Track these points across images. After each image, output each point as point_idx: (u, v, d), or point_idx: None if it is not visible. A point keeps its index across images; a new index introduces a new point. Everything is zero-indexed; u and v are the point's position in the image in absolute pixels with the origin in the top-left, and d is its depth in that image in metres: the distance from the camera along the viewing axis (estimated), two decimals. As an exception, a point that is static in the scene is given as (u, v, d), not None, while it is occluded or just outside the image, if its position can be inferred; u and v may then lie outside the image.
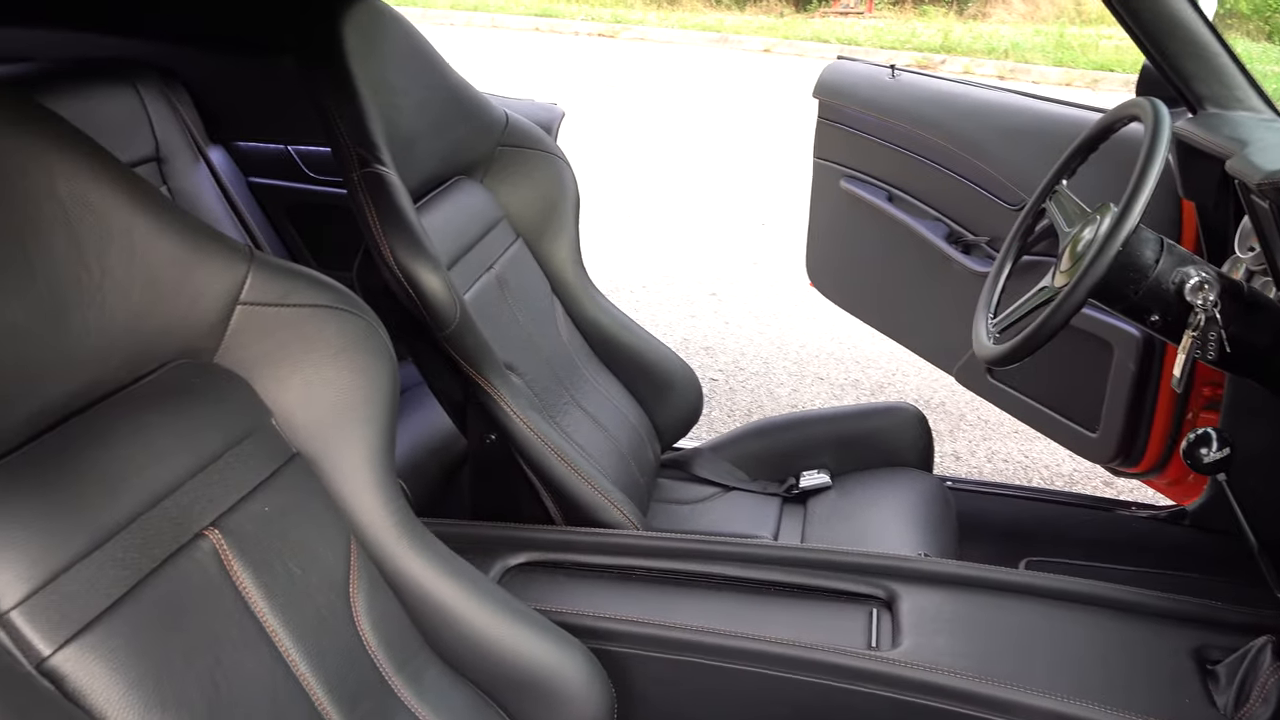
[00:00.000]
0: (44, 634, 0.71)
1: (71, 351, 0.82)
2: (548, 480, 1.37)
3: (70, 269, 0.82)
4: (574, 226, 1.70)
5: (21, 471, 0.75)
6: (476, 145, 1.60)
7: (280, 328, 0.98)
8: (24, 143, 0.81)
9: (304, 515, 0.95)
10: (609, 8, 11.88)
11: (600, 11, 11.53)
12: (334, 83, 1.30)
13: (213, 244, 0.93)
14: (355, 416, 1.02)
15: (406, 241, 1.24)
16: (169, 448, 0.85)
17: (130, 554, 0.78)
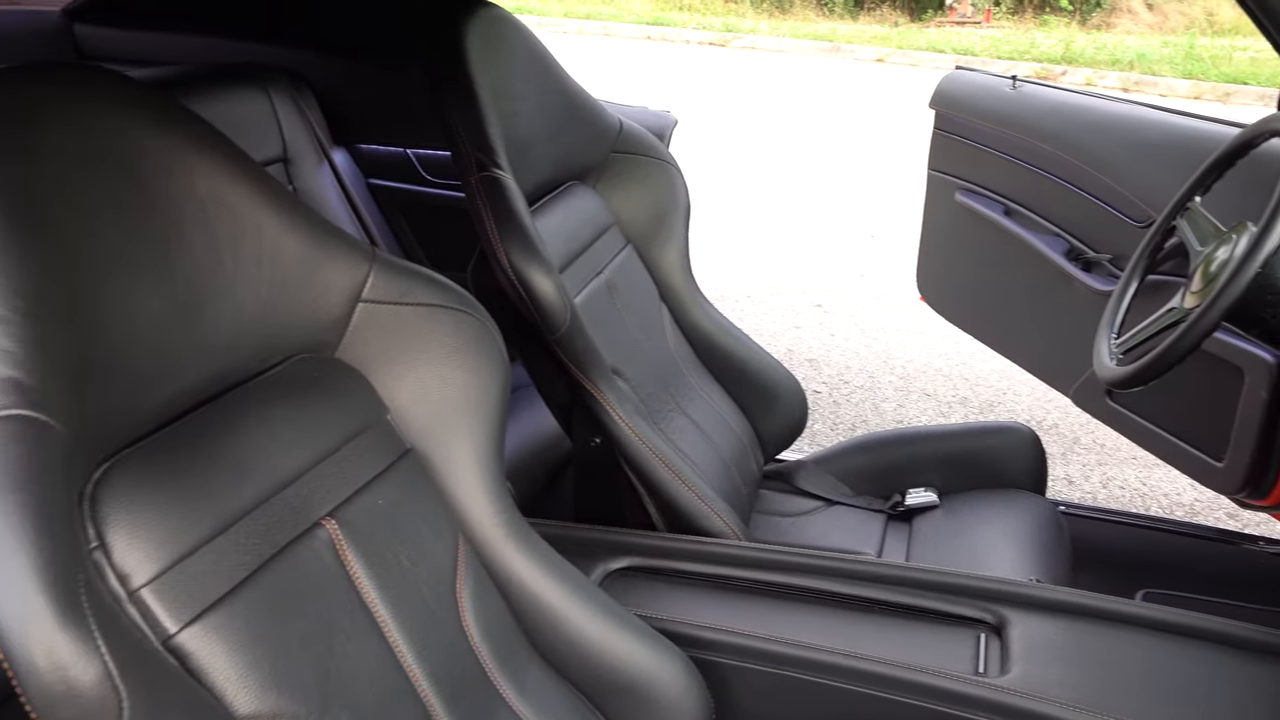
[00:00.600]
0: (170, 612, 0.73)
1: (204, 342, 0.85)
2: (651, 486, 1.38)
3: (206, 264, 0.85)
4: (684, 234, 1.70)
5: (156, 455, 0.79)
6: (590, 151, 1.61)
7: (399, 325, 1.00)
8: (169, 144, 0.84)
9: (415, 510, 0.97)
10: (720, 16, 11.88)
11: (711, 20, 11.53)
12: (456, 88, 1.32)
13: (338, 243, 0.96)
14: (467, 416, 1.03)
15: (521, 245, 1.26)
16: (292, 438, 0.88)
17: (253, 540, 0.81)
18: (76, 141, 0.77)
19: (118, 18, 1.94)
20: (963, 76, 2.29)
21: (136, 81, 0.86)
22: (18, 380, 0.65)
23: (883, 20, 11.79)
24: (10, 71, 0.78)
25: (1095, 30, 10.85)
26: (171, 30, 1.94)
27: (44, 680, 0.58)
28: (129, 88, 0.84)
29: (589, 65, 8.57)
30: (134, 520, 0.74)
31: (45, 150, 0.75)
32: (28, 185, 0.72)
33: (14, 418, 0.64)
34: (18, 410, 0.64)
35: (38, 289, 0.69)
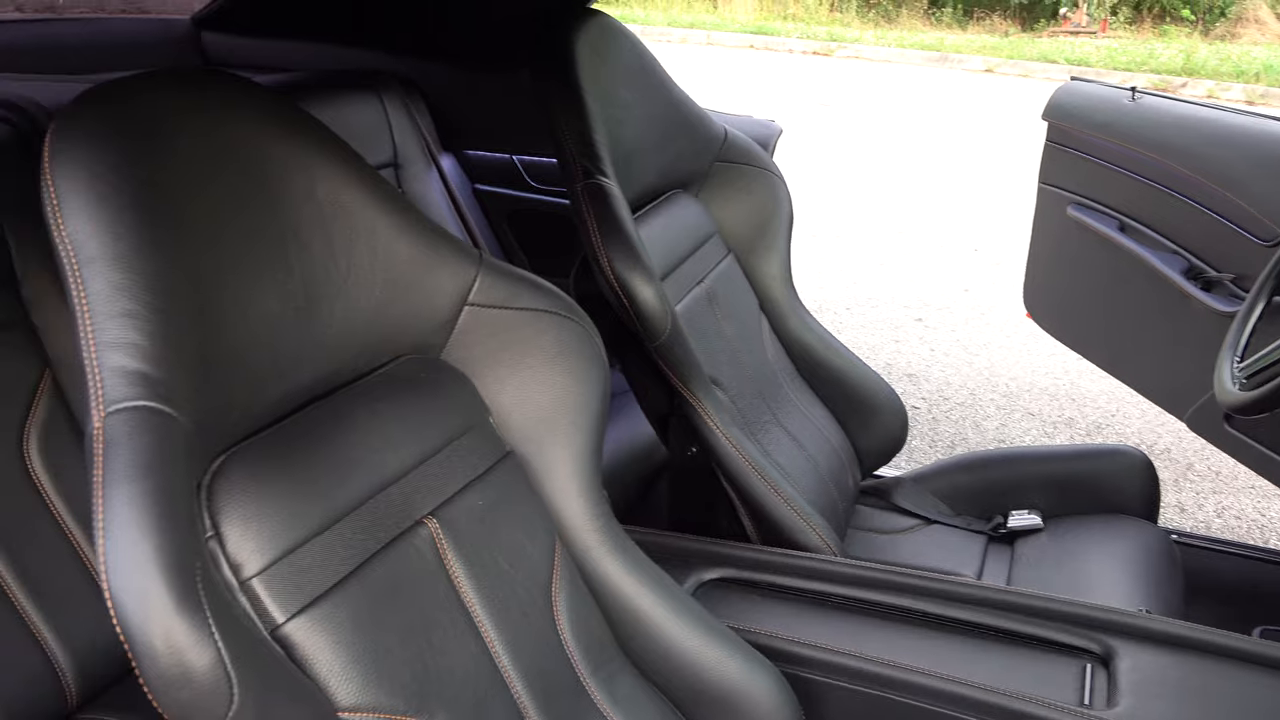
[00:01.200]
0: (279, 603, 0.76)
1: (318, 341, 0.88)
2: (746, 497, 1.37)
3: (322, 265, 0.88)
4: (786, 244, 1.69)
5: (269, 450, 0.81)
6: (694, 160, 1.61)
7: (503, 329, 1.02)
8: (291, 148, 0.87)
9: (513, 513, 0.98)
10: (824, 25, 11.78)
11: (816, 30, 11.44)
12: (564, 96, 1.34)
13: (447, 247, 0.98)
14: (567, 421, 1.04)
15: (624, 253, 1.27)
16: (398, 437, 0.90)
17: (358, 535, 0.83)
18: (206, 144, 0.80)
19: (242, 26, 2.01)
20: (1078, 88, 2.23)
21: (262, 87, 0.89)
22: (145, 373, 0.68)
23: (993, 30, 11.54)
24: (146, 77, 0.81)
25: (1219, 41, 10.43)
26: (292, 37, 2.00)
27: (161, 664, 0.60)
28: (255, 93, 0.87)
29: (691, 74, 8.58)
30: (247, 512, 0.76)
31: (177, 152, 0.78)
32: (161, 185, 0.75)
33: (141, 409, 0.66)
34: (145, 402, 0.67)
35: (167, 286, 0.72)
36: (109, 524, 0.62)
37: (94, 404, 0.67)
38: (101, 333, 0.68)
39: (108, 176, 0.72)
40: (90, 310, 0.69)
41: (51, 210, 0.70)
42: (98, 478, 0.64)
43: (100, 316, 0.68)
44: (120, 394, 0.66)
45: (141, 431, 0.65)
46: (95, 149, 0.73)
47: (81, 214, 0.70)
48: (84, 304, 0.69)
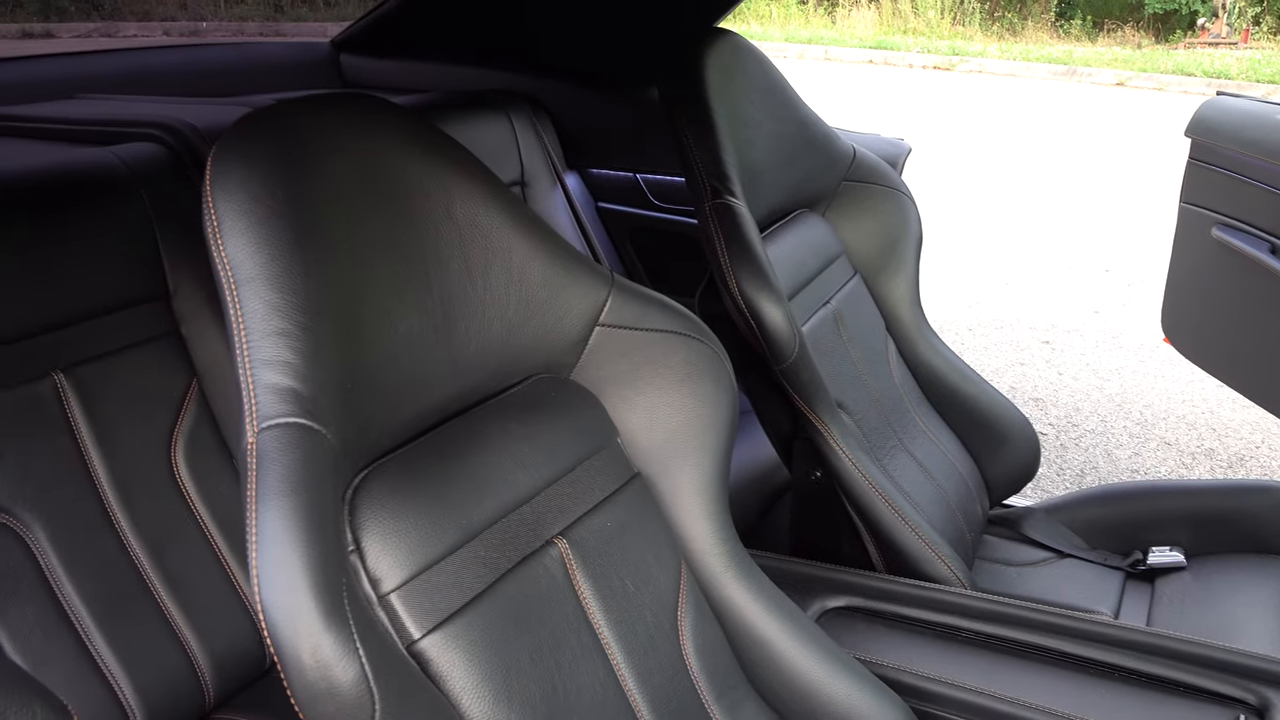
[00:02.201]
0: (415, 618, 0.77)
1: (454, 359, 0.89)
2: (872, 524, 1.33)
3: (460, 284, 0.89)
4: (914, 265, 1.65)
5: (407, 466, 0.83)
6: (822, 179, 1.59)
7: (633, 350, 1.02)
8: (433, 169, 0.89)
9: (641, 535, 0.98)
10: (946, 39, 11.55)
11: (937, 44, 11.23)
12: (693, 115, 1.34)
13: (580, 267, 0.98)
14: (695, 443, 1.03)
15: (752, 273, 1.26)
16: (530, 456, 0.90)
17: (491, 553, 0.83)
18: (354, 166, 0.83)
19: (379, 49, 2.08)
20: (1225, 103, 2.12)
21: (404, 109, 0.91)
22: (296, 390, 0.70)
23: (1124, 42, 11.13)
24: (300, 101, 0.84)
25: (1374, 50, 9.84)
26: (426, 60, 2.06)
27: (308, 677, 0.62)
28: (399, 115, 0.90)
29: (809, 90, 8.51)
30: (387, 528, 0.78)
31: (327, 174, 0.80)
32: (312, 207, 0.77)
33: (292, 425, 0.68)
34: (296, 419, 0.69)
35: (319, 305, 0.74)
36: (261, 538, 0.63)
37: (248, 420, 0.69)
38: (256, 350, 0.70)
39: (265, 199, 0.74)
40: (246, 328, 0.71)
41: (212, 231, 0.73)
42: (251, 492, 0.66)
43: (255, 335, 0.71)
44: (273, 411, 0.68)
45: (292, 448, 0.67)
46: (253, 172, 0.75)
47: (240, 235, 0.73)
48: (240, 322, 0.71)
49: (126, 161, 1.27)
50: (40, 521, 1.11)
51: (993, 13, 12.32)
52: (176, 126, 1.35)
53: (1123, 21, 11.51)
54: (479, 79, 2.03)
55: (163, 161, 1.32)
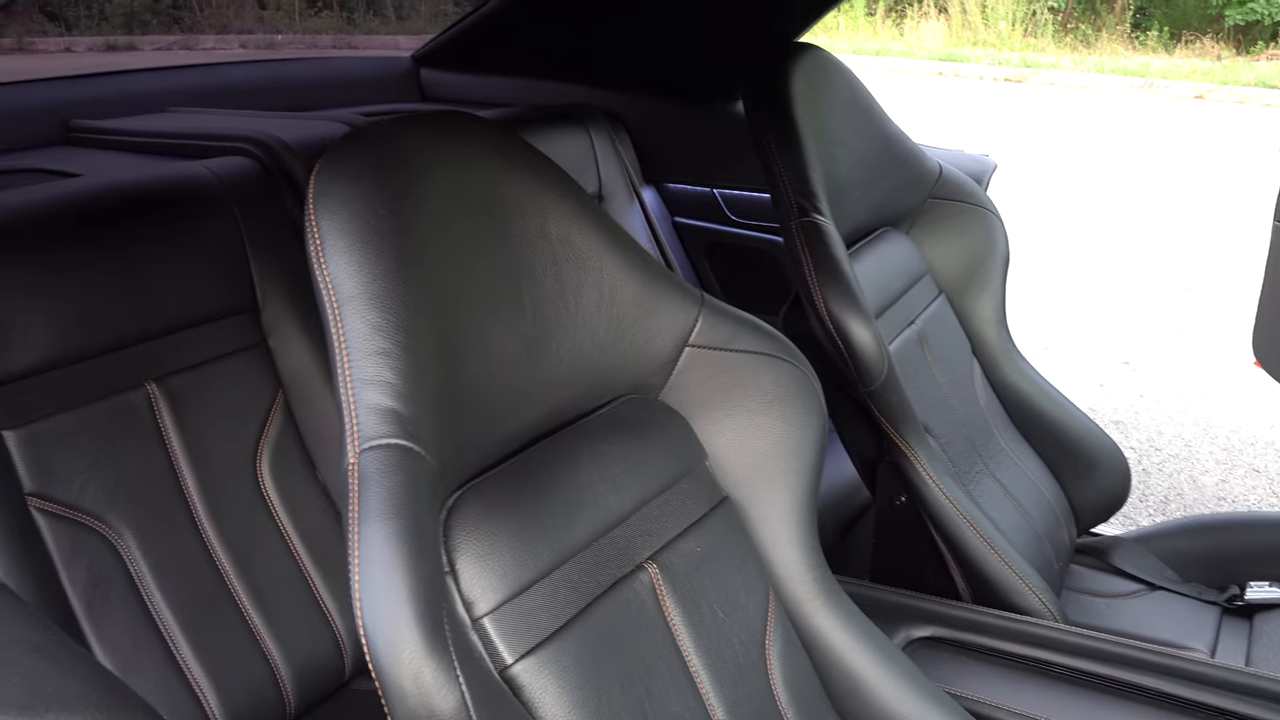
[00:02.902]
0: (508, 643, 0.76)
1: (546, 379, 0.88)
2: (959, 552, 1.30)
3: (552, 303, 0.88)
4: (1000, 285, 1.61)
5: (500, 487, 0.82)
6: (907, 197, 1.56)
7: (722, 372, 1.00)
8: (528, 187, 0.88)
9: (729, 560, 0.96)
10: (1018, 51, 11.36)
11: (1008, 55, 11.05)
12: (779, 131, 1.32)
13: (670, 287, 0.97)
14: (784, 467, 1.01)
15: (840, 293, 1.23)
16: (621, 478, 0.89)
17: (583, 577, 0.82)
18: (451, 184, 0.82)
19: (459, 63, 2.10)
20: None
21: (501, 127, 0.91)
22: (397, 411, 0.69)
23: (1203, 54, 10.85)
24: (401, 119, 0.84)
25: None
26: (505, 74, 2.07)
27: (409, 704, 0.61)
28: (495, 133, 0.89)
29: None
30: (480, 549, 0.77)
31: (425, 191, 0.80)
32: (412, 225, 0.77)
33: (394, 447, 0.68)
34: (397, 440, 0.68)
35: (418, 325, 0.74)
36: (364, 561, 0.63)
37: (349, 439, 0.68)
38: (358, 370, 0.70)
39: (366, 217, 0.74)
40: (348, 347, 0.71)
41: (314, 249, 0.73)
42: (353, 513, 0.65)
43: (357, 354, 0.70)
44: (374, 431, 0.68)
45: (394, 469, 0.67)
46: (355, 190, 0.75)
47: (342, 254, 0.73)
48: (342, 341, 0.71)
49: (219, 175, 1.29)
50: (131, 529, 1.13)
51: (1065, 24, 12.10)
52: (266, 141, 1.37)
53: (1201, 33, 11.21)
54: (557, 93, 2.03)
55: (253, 175, 1.33)
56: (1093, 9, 12.02)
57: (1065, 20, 12.09)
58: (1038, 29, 12.00)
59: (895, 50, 11.49)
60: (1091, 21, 12.04)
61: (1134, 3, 11.71)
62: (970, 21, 12.13)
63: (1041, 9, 11.96)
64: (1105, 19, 11.96)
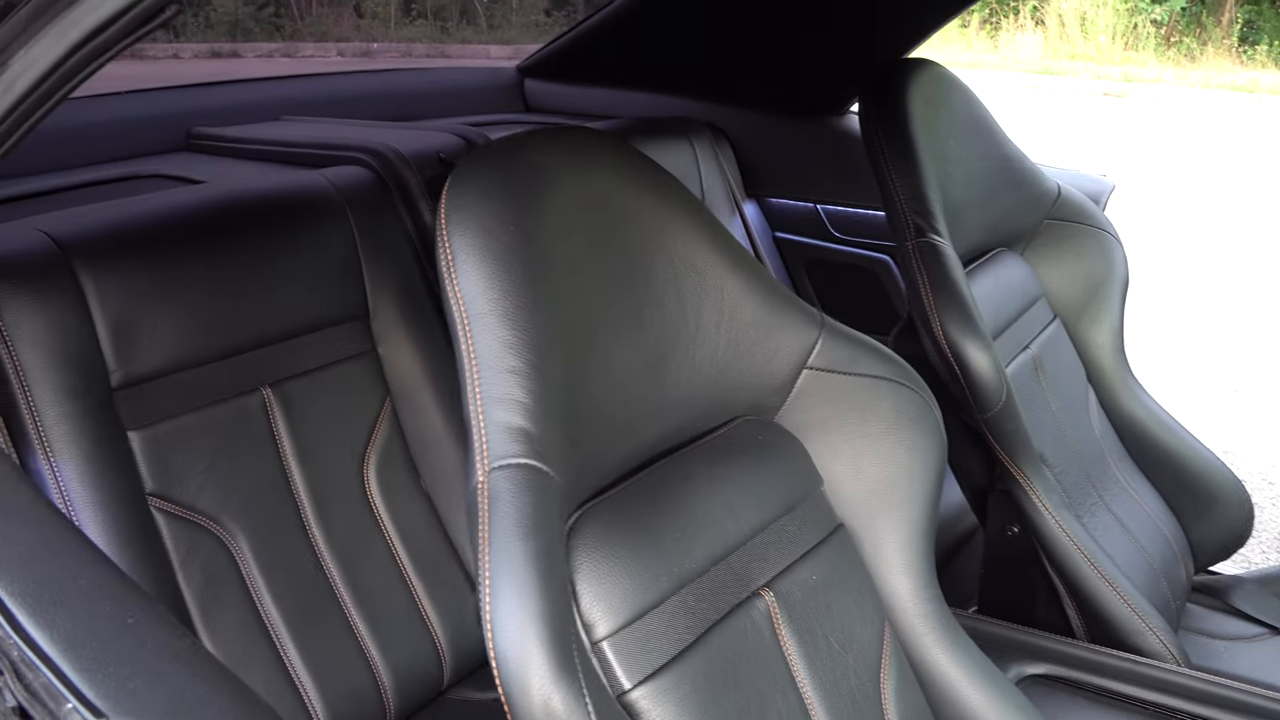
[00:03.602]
0: (626, 668, 0.74)
1: (664, 398, 0.87)
2: (1075, 588, 1.25)
3: (673, 322, 0.87)
4: (1119, 310, 1.56)
5: (618, 508, 0.81)
6: (1023, 218, 1.52)
7: (840, 395, 0.98)
8: (651, 205, 0.87)
9: (845, 590, 0.93)
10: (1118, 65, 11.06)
11: (1108, 70, 10.76)
12: (896, 148, 1.29)
13: (790, 308, 0.95)
14: (900, 495, 0.99)
15: (958, 316, 1.20)
16: (739, 502, 0.88)
17: (701, 603, 0.81)
18: (578, 200, 0.82)
19: (563, 74, 2.11)
20: None
21: (626, 144, 0.90)
22: (527, 430, 0.69)
23: (1317, 69, 10.42)
24: (529, 135, 0.84)
25: None
26: (609, 86, 2.07)
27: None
28: (621, 150, 0.89)
29: (971, 116, 8.24)
30: (600, 571, 0.76)
31: (554, 208, 0.79)
32: (541, 242, 0.77)
33: (523, 467, 0.67)
34: (527, 460, 0.68)
35: (547, 343, 0.73)
36: (495, 583, 0.62)
37: (478, 457, 0.68)
38: (488, 387, 0.70)
39: (498, 233, 0.74)
40: (478, 364, 0.70)
41: (446, 264, 0.73)
42: (482, 533, 0.65)
43: (487, 371, 0.70)
44: (504, 450, 0.68)
45: (524, 490, 0.66)
46: (487, 206, 0.75)
47: (474, 269, 0.73)
48: (472, 358, 0.71)
49: (336, 184, 1.31)
50: (244, 532, 1.15)
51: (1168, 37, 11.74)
52: (382, 151, 1.39)
53: (1316, 47, 10.77)
54: (661, 105, 2.03)
55: (368, 185, 1.35)
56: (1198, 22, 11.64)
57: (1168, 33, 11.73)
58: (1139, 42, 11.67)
59: (989, 63, 11.27)
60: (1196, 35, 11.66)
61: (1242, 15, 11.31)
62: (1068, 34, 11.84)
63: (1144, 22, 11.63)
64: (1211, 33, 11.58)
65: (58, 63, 0.60)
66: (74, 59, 0.60)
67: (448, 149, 1.47)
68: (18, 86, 0.61)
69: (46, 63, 0.60)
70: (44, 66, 0.60)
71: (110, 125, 1.58)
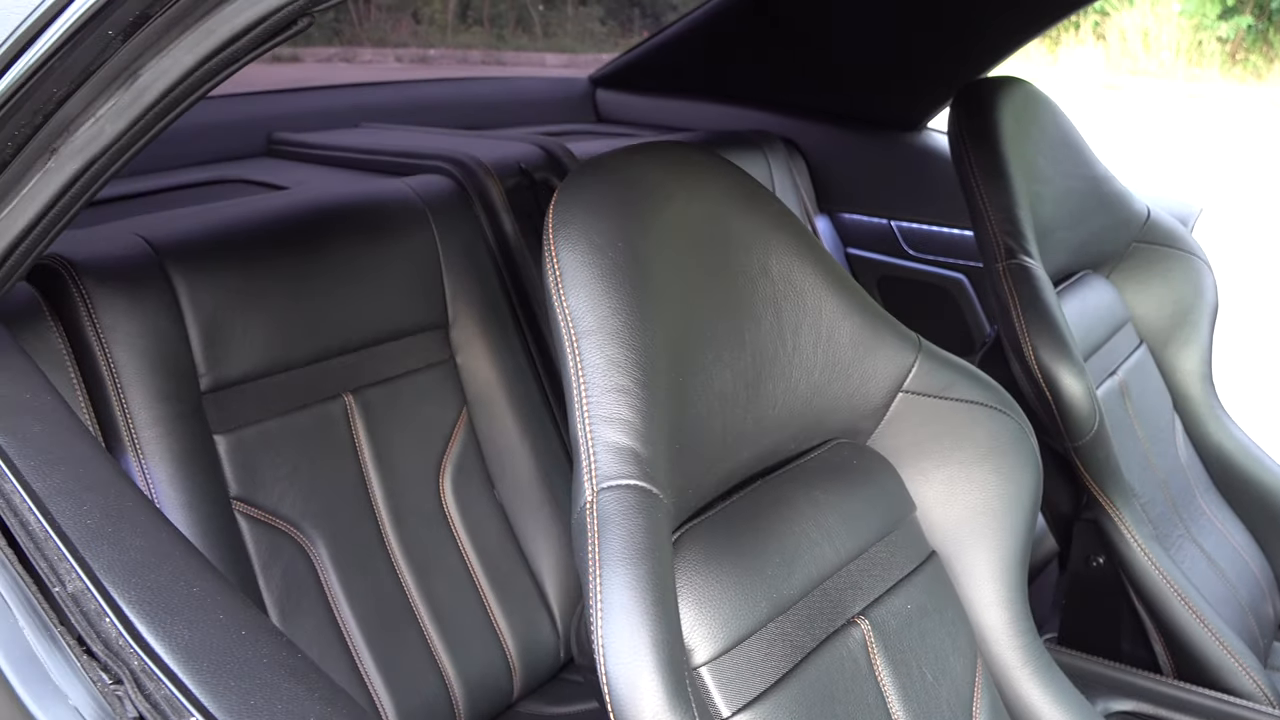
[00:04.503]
0: (725, 696, 0.73)
1: (761, 420, 0.85)
2: (1163, 623, 1.22)
3: (771, 342, 0.86)
4: (1208, 337, 1.51)
5: (718, 529, 0.79)
6: (1110, 239, 1.48)
7: (935, 420, 0.96)
8: (752, 222, 0.86)
9: (939, 620, 0.91)
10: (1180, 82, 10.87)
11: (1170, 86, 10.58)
12: (987, 167, 1.27)
13: (887, 329, 0.94)
14: (994, 524, 0.96)
15: (1052, 341, 1.17)
16: (836, 528, 0.86)
17: (798, 630, 0.79)
18: (680, 217, 0.81)
19: (636, 85, 2.10)
20: None
21: (726, 161, 0.89)
22: (636, 451, 0.68)
23: (1390, 89, 10.16)
24: (633, 150, 0.83)
25: None
26: (681, 97, 2.06)
27: (650, 755, 0.59)
28: (721, 166, 0.88)
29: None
30: (700, 595, 0.74)
31: (660, 224, 0.78)
32: (647, 259, 0.76)
33: (633, 488, 0.66)
34: (636, 481, 0.67)
35: (654, 362, 0.72)
36: (607, 607, 0.61)
37: (586, 477, 0.67)
38: (596, 406, 0.69)
39: (607, 250, 0.73)
40: (586, 382, 0.70)
41: (554, 281, 0.72)
42: (592, 555, 0.64)
43: (596, 390, 0.69)
44: (613, 471, 0.67)
45: (635, 512, 0.65)
46: (596, 223, 0.74)
47: (582, 287, 0.72)
48: (580, 376, 0.70)
49: (419, 193, 1.31)
50: (324, 539, 1.15)
51: (1234, 54, 11.51)
52: (463, 160, 1.39)
53: (1388, 67, 10.51)
54: (733, 118, 2.01)
55: (450, 194, 1.35)
56: (1264, 39, 11.41)
57: (1234, 50, 11.51)
58: (1204, 59, 11.47)
59: (1048, 77, 11.13)
60: (1263, 52, 11.42)
61: (1309, 33, 11.07)
62: (1130, 49, 11.67)
63: (1209, 38, 11.42)
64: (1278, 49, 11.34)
65: (188, 72, 0.60)
66: (204, 68, 0.60)
67: (528, 160, 1.47)
68: (146, 97, 0.61)
69: (177, 72, 0.60)
70: (174, 76, 0.60)
71: (193, 130, 1.60)
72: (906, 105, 1.89)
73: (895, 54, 1.83)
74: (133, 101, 0.61)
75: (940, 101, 1.86)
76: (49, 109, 0.61)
